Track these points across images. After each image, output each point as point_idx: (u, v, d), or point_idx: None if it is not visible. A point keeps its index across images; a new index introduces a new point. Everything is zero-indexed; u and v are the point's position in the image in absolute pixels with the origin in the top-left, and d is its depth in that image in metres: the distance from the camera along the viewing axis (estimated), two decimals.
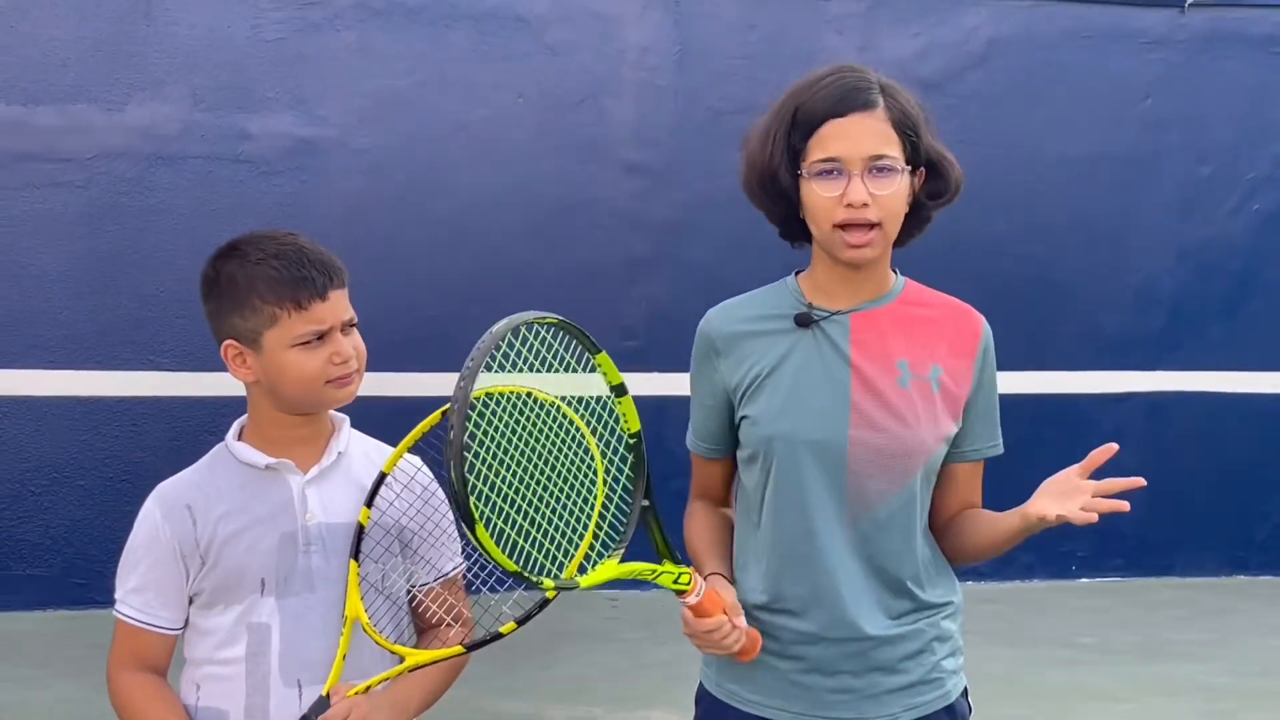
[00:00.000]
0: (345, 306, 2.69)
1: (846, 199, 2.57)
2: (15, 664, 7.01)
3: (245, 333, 2.65)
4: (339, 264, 2.70)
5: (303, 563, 2.69)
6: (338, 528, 2.72)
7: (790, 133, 2.64)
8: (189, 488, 2.76)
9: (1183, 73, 9.41)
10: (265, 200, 8.25)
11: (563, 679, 6.79)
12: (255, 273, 2.63)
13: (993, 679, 6.74)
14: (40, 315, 8.04)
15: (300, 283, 2.61)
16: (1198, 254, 9.48)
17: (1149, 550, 9.49)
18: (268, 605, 2.69)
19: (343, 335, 2.68)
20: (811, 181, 2.61)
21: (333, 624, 2.68)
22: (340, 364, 2.66)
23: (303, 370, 2.63)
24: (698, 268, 8.52)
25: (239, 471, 2.74)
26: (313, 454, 2.75)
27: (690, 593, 2.55)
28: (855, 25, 9.04)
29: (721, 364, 2.75)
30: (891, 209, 2.61)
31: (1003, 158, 9.14)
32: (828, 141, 2.60)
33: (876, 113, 2.60)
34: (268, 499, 2.71)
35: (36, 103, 8.05)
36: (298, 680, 2.67)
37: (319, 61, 8.41)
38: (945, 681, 2.77)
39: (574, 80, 8.73)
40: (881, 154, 2.59)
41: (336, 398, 2.70)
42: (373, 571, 2.72)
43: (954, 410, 2.70)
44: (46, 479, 8.07)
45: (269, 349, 2.63)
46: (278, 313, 2.61)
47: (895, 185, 2.60)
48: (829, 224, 2.60)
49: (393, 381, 8.00)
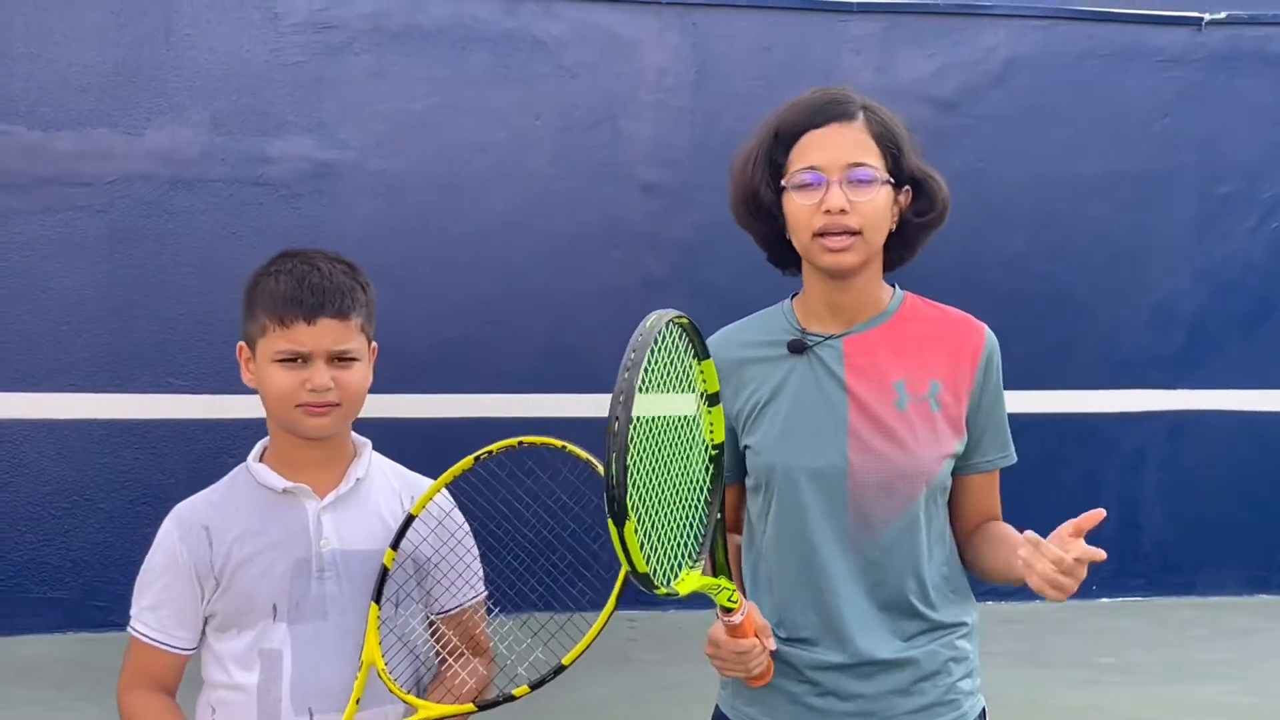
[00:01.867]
0: (339, 338, 2.65)
1: (824, 205, 2.57)
2: (36, 687, 7.01)
3: (249, 337, 2.71)
4: (350, 297, 2.68)
5: (316, 589, 2.69)
6: (353, 555, 2.71)
7: (771, 150, 2.66)
8: (207, 508, 2.76)
9: (1200, 91, 9.40)
10: (285, 223, 8.28)
11: (581, 701, 6.77)
12: (267, 283, 2.68)
13: (1014, 700, 6.71)
14: (61, 339, 8.07)
15: (290, 302, 2.63)
16: (1217, 272, 9.45)
17: (1170, 570, 9.45)
18: (280, 631, 2.68)
19: (327, 365, 2.65)
20: (791, 193, 2.62)
21: (346, 652, 2.68)
22: (310, 392, 2.63)
23: (276, 387, 2.65)
24: (715, 288, 8.51)
25: (257, 494, 2.74)
26: (331, 479, 2.75)
27: (736, 611, 2.51)
28: (872, 46, 9.04)
29: (728, 390, 2.72)
30: (871, 217, 2.60)
31: (1020, 177, 9.13)
32: (807, 151, 2.62)
33: (855, 124, 2.62)
34: (283, 524, 2.71)
35: (57, 127, 8.09)
36: (309, 708, 2.66)
37: (337, 85, 8.45)
38: (962, 703, 2.74)
39: (591, 102, 8.75)
40: (859, 161, 2.59)
41: (306, 425, 2.67)
42: (393, 616, 2.72)
43: (955, 426, 2.68)
44: (67, 502, 8.10)
45: (259, 357, 2.68)
46: (267, 324, 2.65)
47: (874, 194, 2.60)
48: (809, 233, 2.60)
49: (412, 404, 8.04)
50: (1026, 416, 2.70)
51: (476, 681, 2.73)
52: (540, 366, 8.61)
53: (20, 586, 8.04)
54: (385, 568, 2.68)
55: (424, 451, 2.79)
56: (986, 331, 2.77)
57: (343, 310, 2.66)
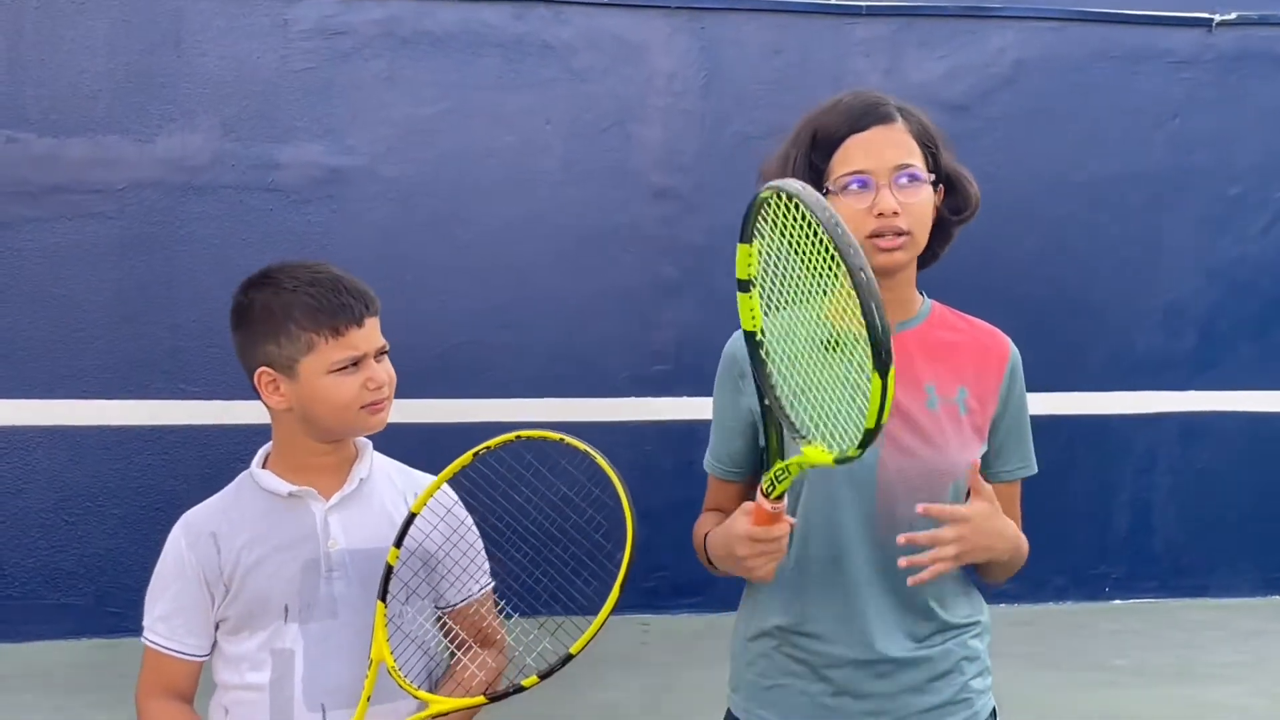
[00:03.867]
0: (379, 334, 2.72)
1: (877, 209, 2.59)
2: (49, 693, 7.03)
3: (280, 360, 2.67)
4: (372, 293, 2.73)
5: (325, 589, 2.71)
6: (360, 554, 2.73)
7: (810, 154, 2.66)
8: (214, 515, 2.78)
9: (1211, 92, 9.38)
10: (295, 229, 8.30)
11: (594, 703, 6.78)
12: (291, 300, 2.65)
13: (1027, 702, 6.70)
14: (73, 345, 8.09)
15: (339, 310, 2.64)
16: (1229, 273, 9.43)
17: (1183, 572, 9.43)
18: (291, 631, 2.70)
19: (375, 362, 2.70)
20: (838, 197, 2.62)
21: (358, 650, 2.70)
22: (375, 390, 2.68)
23: (339, 396, 2.65)
24: (727, 291, 8.42)
25: (262, 499, 2.76)
26: (336, 480, 2.77)
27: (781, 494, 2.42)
28: (882, 48, 9.04)
29: (747, 386, 2.74)
30: (920, 217, 2.63)
31: (1031, 179, 9.12)
32: (852, 156, 2.62)
33: (896, 126, 2.64)
34: (290, 527, 2.73)
35: (68, 134, 8.11)
36: (321, 705, 2.69)
37: (347, 91, 8.46)
38: (974, 701, 2.76)
39: (601, 106, 8.76)
40: (907, 163, 2.62)
41: (370, 424, 2.72)
42: (400, 613, 2.73)
43: (979, 433, 2.70)
44: (80, 508, 8.11)
45: (305, 376, 2.66)
46: (315, 339, 2.63)
47: (922, 194, 2.63)
48: (861, 236, 2.60)
49: (422, 408, 8.04)
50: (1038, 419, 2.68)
51: (486, 674, 2.75)
52: (552, 370, 8.61)
53: (34, 592, 8.06)
54: (389, 565, 2.69)
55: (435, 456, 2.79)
56: (1011, 344, 2.80)
57: (377, 308, 2.73)
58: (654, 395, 8.68)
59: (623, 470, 2.59)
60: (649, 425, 8.56)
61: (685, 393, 8.45)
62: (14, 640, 7.93)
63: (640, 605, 8.28)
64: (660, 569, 8.16)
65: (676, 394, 8.52)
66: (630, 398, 8.67)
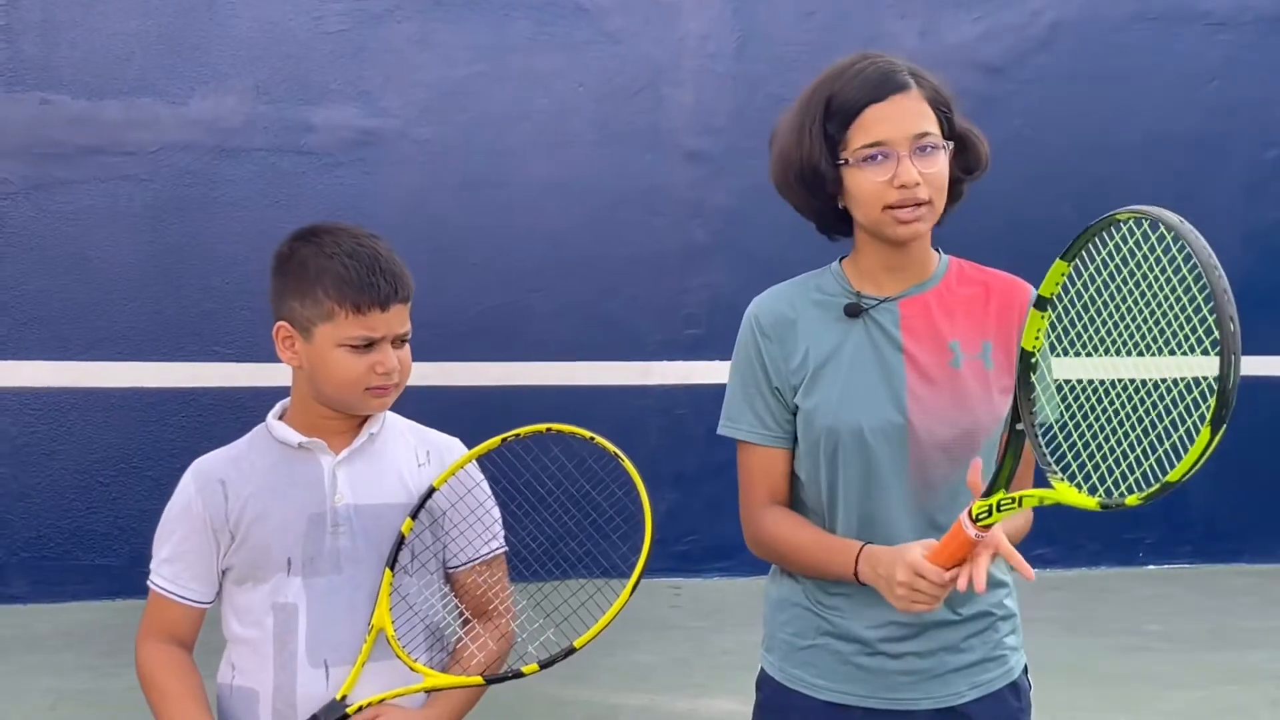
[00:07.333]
0: (403, 321, 2.69)
1: (898, 180, 2.57)
2: (85, 653, 7.08)
3: (300, 319, 2.67)
4: (408, 279, 2.70)
5: (330, 544, 2.71)
6: (366, 509, 2.73)
7: (826, 123, 2.64)
8: (225, 463, 2.80)
9: (1250, 55, 9.29)
10: (328, 191, 8.30)
11: (625, 666, 6.79)
12: (326, 265, 2.64)
13: (1060, 667, 6.69)
14: (107, 308, 8.13)
15: (365, 288, 2.62)
16: (1265, 237, 9.35)
17: (1218, 537, 9.39)
18: (294, 585, 2.70)
19: (392, 347, 2.68)
20: (857, 168, 2.60)
21: (360, 606, 2.70)
22: (381, 374, 2.66)
23: (344, 372, 2.64)
24: (759, 255, 8.48)
25: (274, 449, 2.77)
26: (349, 437, 2.77)
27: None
28: (917, 9, 8.98)
29: (773, 349, 2.73)
30: (939, 185, 2.62)
31: (1067, 141, 9.06)
32: (871, 126, 2.60)
33: (912, 93, 2.62)
34: (298, 478, 2.73)
35: (101, 97, 8.13)
36: (324, 660, 2.69)
37: (380, 53, 8.45)
38: (1009, 658, 2.77)
39: (634, 68, 8.73)
40: (925, 132, 2.60)
41: (371, 406, 2.71)
42: (407, 583, 2.73)
43: (1007, 384, 2.68)
44: (114, 469, 8.16)
45: (318, 341, 2.65)
46: (335, 310, 2.62)
47: (940, 162, 2.62)
48: (879, 207, 2.59)
49: (455, 371, 8.06)
50: None
51: (485, 655, 2.74)
52: (583, 333, 8.61)
53: (69, 554, 8.12)
54: (402, 535, 2.70)
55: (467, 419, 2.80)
56: (1032, 289, 2.76)
57: (408, 294, 2.69)
58: (687, 359, 8.67)
59: (653, 434, 2.59)
60: (680, 389, 8.55)
61: (717, 356, 8.42)
62: (49, 601, 8.00)
63: (672, 569, 8.28)
64: (691, 533, 8.15)
65: (708, 358, 8.50)
66: (662, 361, 8.67)
